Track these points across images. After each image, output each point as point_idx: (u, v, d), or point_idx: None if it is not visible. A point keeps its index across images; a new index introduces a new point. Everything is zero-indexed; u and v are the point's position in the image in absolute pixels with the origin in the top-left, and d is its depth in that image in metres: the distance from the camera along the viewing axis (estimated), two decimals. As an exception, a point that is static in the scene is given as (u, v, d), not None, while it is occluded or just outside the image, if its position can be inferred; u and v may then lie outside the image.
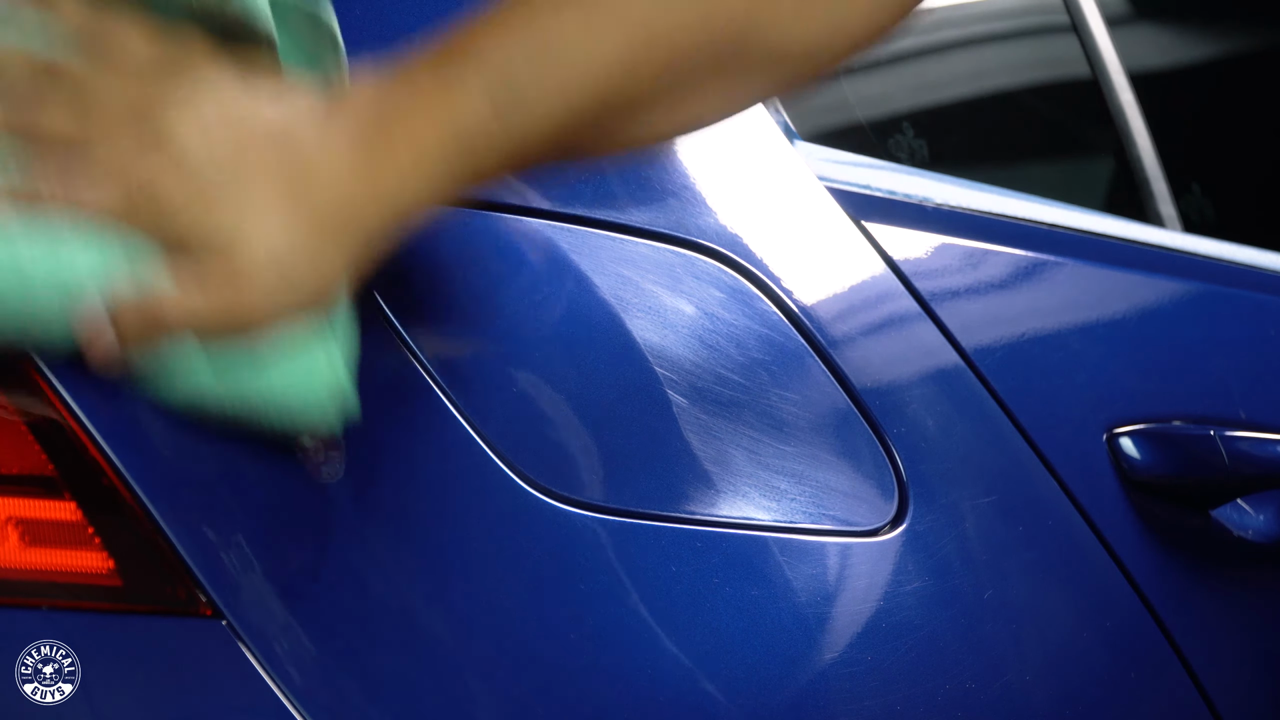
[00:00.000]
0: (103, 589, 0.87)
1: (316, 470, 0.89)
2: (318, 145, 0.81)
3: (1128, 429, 1.26)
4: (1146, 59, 1.71)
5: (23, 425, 0.87)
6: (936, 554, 1.08)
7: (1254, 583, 1.37)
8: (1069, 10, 1.58)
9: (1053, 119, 1.62)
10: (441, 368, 0.94)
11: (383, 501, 0.92)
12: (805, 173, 1.14)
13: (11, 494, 0.87)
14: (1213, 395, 1.35)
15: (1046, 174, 1.61)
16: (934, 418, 1.12)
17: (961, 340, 1.16)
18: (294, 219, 0.80)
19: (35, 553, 0.87)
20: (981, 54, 1.51)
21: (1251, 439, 1.32)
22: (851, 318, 1.10)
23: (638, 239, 1.03)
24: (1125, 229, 1.40)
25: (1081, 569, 1.21)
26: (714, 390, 1.02)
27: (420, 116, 0.81)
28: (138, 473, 0.87)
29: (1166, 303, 1.37)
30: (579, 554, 0.95)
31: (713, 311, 1.04)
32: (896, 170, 1.26)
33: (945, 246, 1.20)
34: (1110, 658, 1.22)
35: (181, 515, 0.88)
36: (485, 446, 0.94)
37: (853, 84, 1.32)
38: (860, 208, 1.16)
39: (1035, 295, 1.26)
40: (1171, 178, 1.58)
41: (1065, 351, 1.25)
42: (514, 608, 0.93)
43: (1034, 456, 1.18)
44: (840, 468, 1.06)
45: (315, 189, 0.80)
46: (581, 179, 1.02)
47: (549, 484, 0.96)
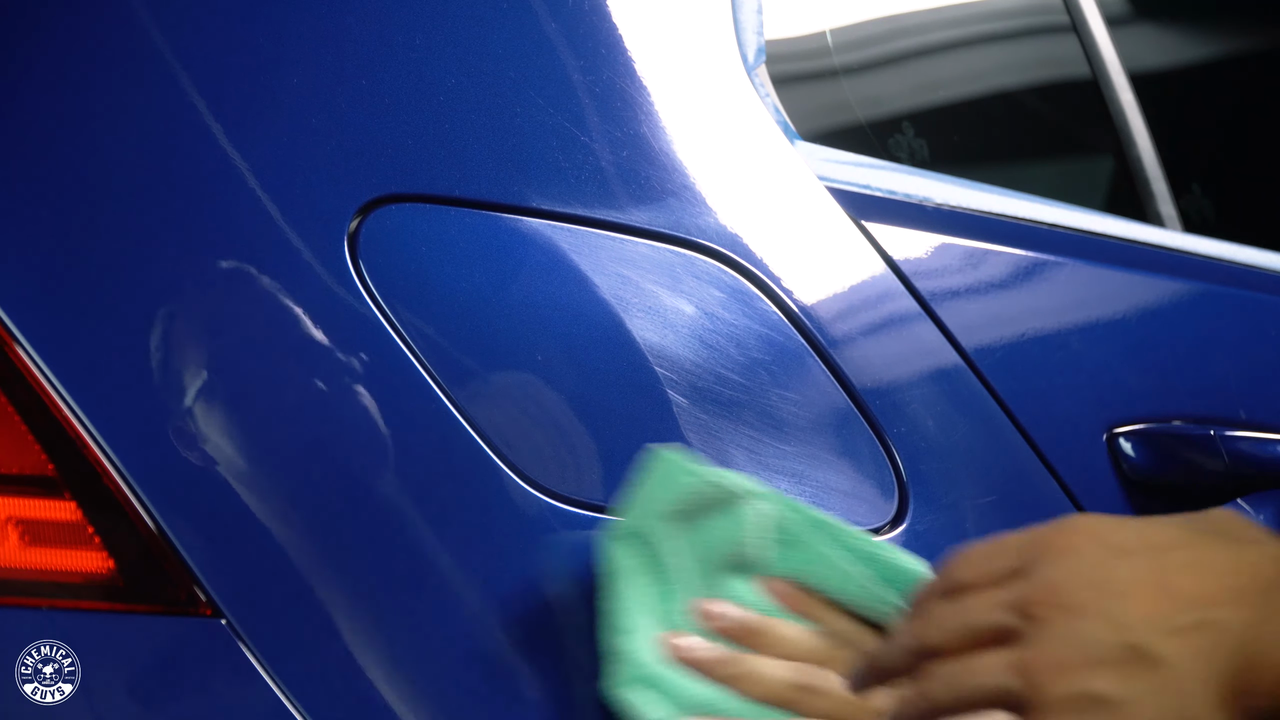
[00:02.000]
0: (103, 589, 0.87)
1: None
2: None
3: (1128, 429, 1.26)
4: (1146, 59, 1.71)
5: (23, 425, 0.87)
6: (937, 554, 1.07)
7: (1254, 583, 1.36)
8: (1069, 10, 1.58)
9: (1053, 119, 1.62)
10: (442, 367, 0.94)
11: (382, 501, 0.92)
12: (805, 173, 1.14)
13: (11, 494, 0.87)
14: (1213, 395, 1.35)
15: (1046, 174, 1.61)
16: (934, 418, 1.12)
17: (961, 340, 1.16)
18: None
19: (35, 553, 0.87)
20: (981, 54, 1.51)
21: (1251, 439, 1.32)
22: (851, 318, 1.10)
23: (638, 239, 1.03)
24: (1125, 229, 1.40)
25: (1081, 569, 1.20)
26: (714, 390, 1.02)
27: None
28: (138, 473, 0.87)
29: (1166, 303, 1.37)
30: (579, 553, 0.95)
31: (713, 311, 1.04)
32: (896, 170, 1.26)
33: (945, 246, 1.20)
34: (1110, 658, 1.22)
35: (181, 515, 0.88)
36: (485, 446, 0.94)
37: (853, 84, 1.32)
38: (860, 208, 1.16)
39: (1035, 295, 1.26)
40: (1171, 178, 1.58)
41: (1065, 351, 1.25)
42: (514, 607, 0.93)
43: (1034, 456, 1.18)
44: (840, 467, 1.06)
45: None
46: (582, 179, 1.02)
47: (549, 483, 0.96)
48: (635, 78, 1.06)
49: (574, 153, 1.02)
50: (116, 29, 0.94)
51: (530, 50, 1.03)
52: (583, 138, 1.02)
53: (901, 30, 1.41)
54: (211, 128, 0.93)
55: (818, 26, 1.30)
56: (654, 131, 1.06)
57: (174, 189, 0.92)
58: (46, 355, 0.88)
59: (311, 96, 0.96)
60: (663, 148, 1.06)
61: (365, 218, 0.95)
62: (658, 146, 1.06)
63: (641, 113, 1.06)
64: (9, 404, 0.87)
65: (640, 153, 1.05)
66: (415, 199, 0.96)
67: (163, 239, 0.91)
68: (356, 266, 0.94)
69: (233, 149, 0.93)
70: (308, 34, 0.97)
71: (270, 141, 0.94)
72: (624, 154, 1.04)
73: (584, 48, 1.05)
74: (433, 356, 0.94)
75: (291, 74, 0.96)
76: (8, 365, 0.88)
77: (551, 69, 1.03)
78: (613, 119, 1.04)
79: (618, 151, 1.04)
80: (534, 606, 0.94)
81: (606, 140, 1.03)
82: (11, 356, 0.88)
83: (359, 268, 0.94)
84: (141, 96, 0.93)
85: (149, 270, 0.91)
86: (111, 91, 0.93)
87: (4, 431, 0.87)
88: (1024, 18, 1.58)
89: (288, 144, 0.94)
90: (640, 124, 1.05)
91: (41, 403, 0.87)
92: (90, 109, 0.92)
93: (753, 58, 1.15)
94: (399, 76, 0.98)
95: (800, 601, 0.99)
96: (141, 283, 0.90)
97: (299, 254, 0.93)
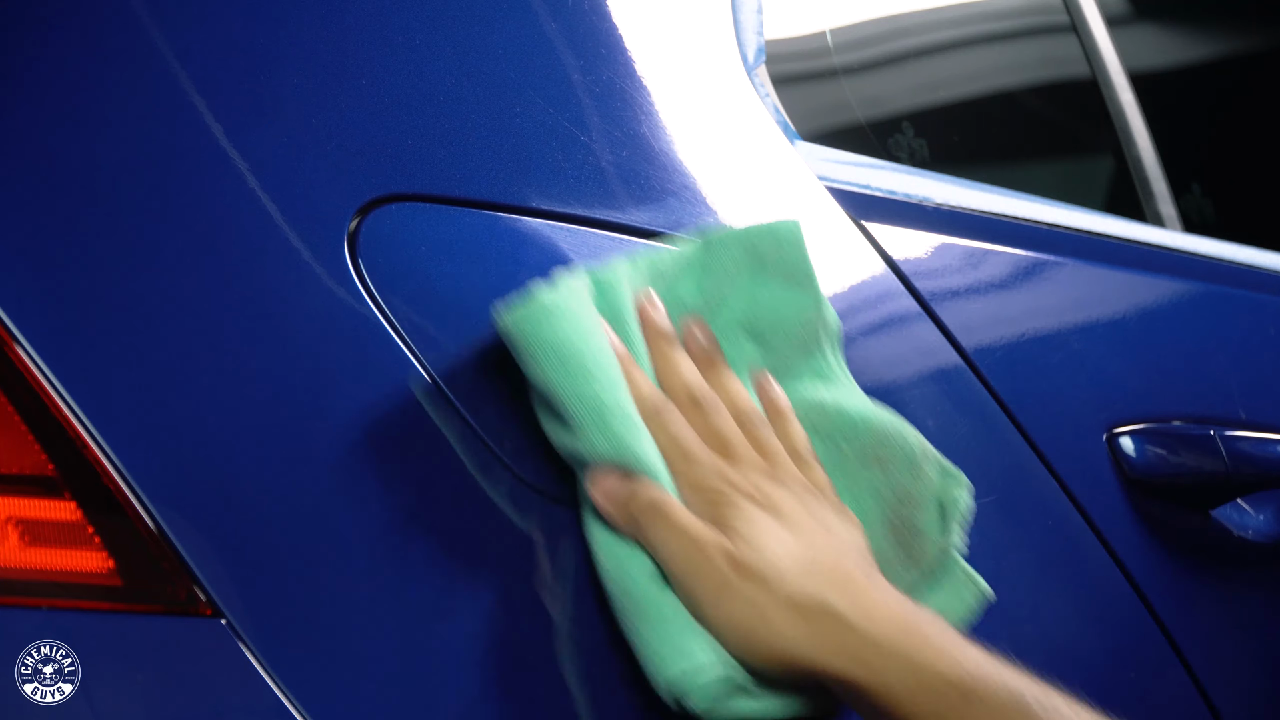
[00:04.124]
0: (103, 589, 0.87)
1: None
2: (869, 579, 0.93)
3: (1128, 429, 1.26)
4: (1146, 59, 1.71)
5: (23, 425, 0.87)
6: (936, 554, 1.08)
7: (1254, 583, 1.37)
8: (1069, 10, 1.58)
9: (1053, 119, 1.63)
10: (442, 367, 0.94)
11: (382, 500, 0.92)
12: (805, 173, 1.14)
13: (11, 494, 0.87)
14: (1213, 395, 1.35)
15: (1046, 174, 1.61)
16: (934, 418, 1.12)
17: (961, 340, 1.16)
18: (818, 587, 0.91)
19: (35, 553, 0.87)
20: (981, 54, 1.51)
21: (1251, 439, 1.33)
22: (851, 318, 1.10)
23: (638, 239, 1.03)
24: (1125, 229, 1.40)
25: (1081, 569, 1.21)
26: (714, 390, 1.02)
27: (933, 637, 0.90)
28: (138, 473, 0.87)
29: (1166, 303, 1.37)
30: (579, 554, 0.95)
31: (713, 311, 1.04)
32: (896, 170, 1.26)
33: (945, 246, 1.20)
34: (1110, 657, 1.22)
35: (181, 515, 0.88)
36: (485, 445, 0.94)
37: (853, 84, 1.32)
38: (860, 208, 1.16)
39: (1035, 295, 1.26)
40: (1171, 178, 1.59)
41: (1065, 351, 1.25)
42: (515, 607, 0.93)
43: (1034, 456, 1.18)
44: (840, 468, 1.06)
45: (852, 591, 0.91)
46: (582, 179, 1.02)
47: (549, 484, 0.96)
48: (635, 78, 1.06)
49: (574, 153, 1.02)
50: (116, 29, 0.94)
51: (530, 50, 1.03)
52: (583, 138, 1.02)
53: (901, 30, 1.41)
54: (211, 128, 0.93)
55: (818, 26, 1.30)
56: (654, 131, 1.06)
57: (174, 189, 0.92)
58: (46, 355, 0.88)
59: (311, 96, 0.96)
60: (663, 148, 1.06)
61: (365, 218, 0.95)
62: (658, 146, 1.06)
63: (641, 113, 1.06)
64: (9, 404, 0.87)
65: (640, 153, 1.05)
66: (415, 199, 0.97)
67: (163, 239, 0.91)
68: (356, 266, 0.94)
69: (233, 149, 0.93)
70: (308, 34, 0.97)
71: (270, 141, 0.94)
72: (624, 154, 1.04)
73: (584, 48, 1.05)
74: (433, 356, 0.94)
75: (291, 74, 0.96)
76: (8, 365, 0.88)
77: (551, 69, 1.03)
78: (613, 119, 1.04)
79: (618, 151, 1.04)
80: (533, 607, 0.94)
81: (606, 140, 1.03)
82: (11, 356, 0.88)
83: (359, 268, 0.94)
84: (141, 96, 0.93)
85: (149, 270, 0.91)
86: (111, 91, 0.93)
87: (4, 431, 0.87)
88: (1024, 18, 1.58)
89: (288, 144, 0.94)
90: (640, 124, 1.05)
91: (41, 403, 0.87)
92: (90, 109, 0.92)
93: (753, 58, 1.15)
94: (399, 76, 0.98)
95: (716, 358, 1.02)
96: (141, 283, 0.90)
97: (299, 254, 0.93)
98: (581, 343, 0.92)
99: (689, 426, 0.97)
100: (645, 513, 0.92)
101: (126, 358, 0.89)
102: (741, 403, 1.00)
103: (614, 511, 0.93)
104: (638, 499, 0.92)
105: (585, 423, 0.92)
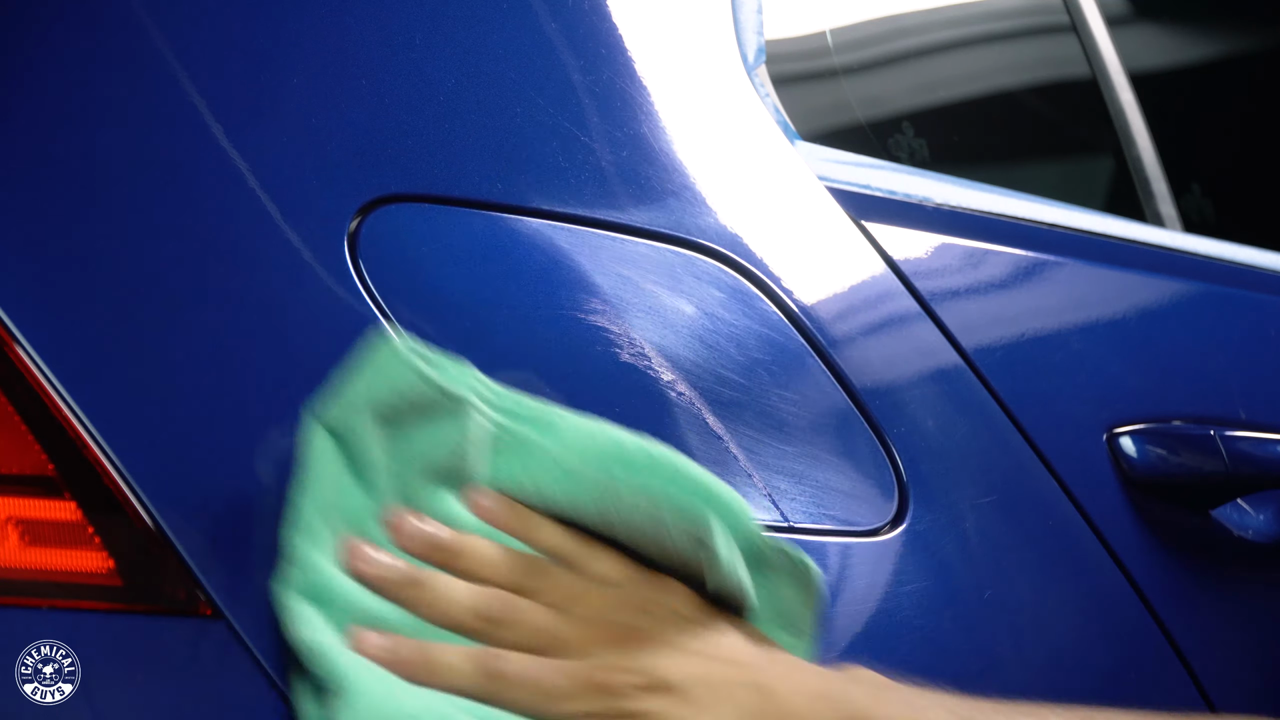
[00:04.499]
0: (103, 589, 0.87)
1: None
2: (788, 688, 0.89)
3: (1128, 429, 1.26)
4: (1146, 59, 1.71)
5: (23, 425, 0.87)
6: (936, 554, 1.08)
7: (1254, 583, 1.37)
8: (1069, 10, 1.58)
9: (1053, 119, 1.62)
10: (441, 368, 0.94)
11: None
12: (805, 173, 1.14)
13: (11, 494, 0.87)
14: (1213, 395, 1.35)
15: (1046, 174, 1.61)
16: (934, 418, 1.12)
17: (961, 340, 1.16)
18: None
19: (35, 553, 0.87)
20: (981, 54, 1.51)
21: (1251, 439, 1.32)
22: (851, 318, 1.10)
23: (638, 239, 1.03)
24: (1125, 229, 1.40)
25: (1081, 569, 1.21)
26: (714, 390, 1.02)
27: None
28: (138, 473, 0.87)
29: (1166, 303, 1.37)
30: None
31: (713, 311, 1.04)
32: (896, 170, 1.26)
33: (945, 246, 1.20)
34: (1110, 657, 1.22)
35: (181, 515, 0.88)
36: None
37: (853, 84, 1.32)
38: (860, 208, 1.16)
39: (1035, 295, 1.26)
40: (1171, 178, 1.58)
41: (1065, 351, 1.25)
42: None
43: (1034, 456, 1.18)
44: (840, 468, 1.06)
45: (777, 702, 0.88)
46: (582, 179, 1.02)
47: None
48: (635, 78, 1.06)
49: (574, 153, 1.02)
50: (116, 29, 0.94)
51: (530, 50, 1.03)
52: (583, 138, 1.02)
53: (901, 30, 1.41)
54: (211, 128, 0.93)
55: (818, 26, 1.30)
56: (654, 131, 1.06)
57: (174, 189, 0.92)
58: (46, 355, 0.88)
59: (311, 96, 0.96)
60: (663, 148, 1.06)
61: (365, 218, 0.95)
62: (658, 146, 1.06)
63: (641, 113, 1.06)
64: (9, 404, 0.87)
65: (640, 153, 1.05)
66: (415, 199, 0.96)
67: (163, 239, 0.91)
68: (356, 266, 0.94)
69: (233, 149, 0.93)
70: (308, 34, 0.97)
71: (270, 141, 0.94)
72: (624, 154, 1.04)
73: (584, 48, 1.05)
74: (433, 356, 0.94)
75: (291, 74, 0.96)
76: (8, 365, 0.88)
77: (551, 69, 1.03)
78: (613, 119, 1.04)
79: (618, 151, 1.04)
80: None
81: (606, 140, 1.03)
82: (11, 356, 0.88)
83: (359, 268, 0.94)
84: (141, 96, 0.93)
85: (149, 270, 0.91)
86: (111, 91, 0.93)
87: (4, 431, 0.87)
88: (1024, 18, 1.58)
89: (288, 144, 0.94)
90: (640, 124, 1.05)
91: (41, 403, 0.87)
92: (90, 109, 0.92)
93: (753, 58, 1.15)
94: (399, 76, 0.98)
95: (512, 517, 0.91)
96: (141, 283, 0.90)
97: (299, 254, 0.93)
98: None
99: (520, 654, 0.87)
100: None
101: (126, 358, 0.89)
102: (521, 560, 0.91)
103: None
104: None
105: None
